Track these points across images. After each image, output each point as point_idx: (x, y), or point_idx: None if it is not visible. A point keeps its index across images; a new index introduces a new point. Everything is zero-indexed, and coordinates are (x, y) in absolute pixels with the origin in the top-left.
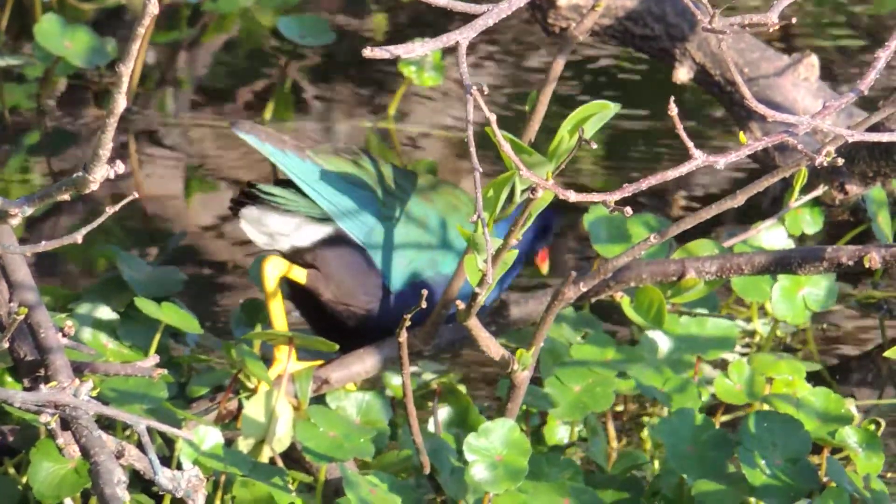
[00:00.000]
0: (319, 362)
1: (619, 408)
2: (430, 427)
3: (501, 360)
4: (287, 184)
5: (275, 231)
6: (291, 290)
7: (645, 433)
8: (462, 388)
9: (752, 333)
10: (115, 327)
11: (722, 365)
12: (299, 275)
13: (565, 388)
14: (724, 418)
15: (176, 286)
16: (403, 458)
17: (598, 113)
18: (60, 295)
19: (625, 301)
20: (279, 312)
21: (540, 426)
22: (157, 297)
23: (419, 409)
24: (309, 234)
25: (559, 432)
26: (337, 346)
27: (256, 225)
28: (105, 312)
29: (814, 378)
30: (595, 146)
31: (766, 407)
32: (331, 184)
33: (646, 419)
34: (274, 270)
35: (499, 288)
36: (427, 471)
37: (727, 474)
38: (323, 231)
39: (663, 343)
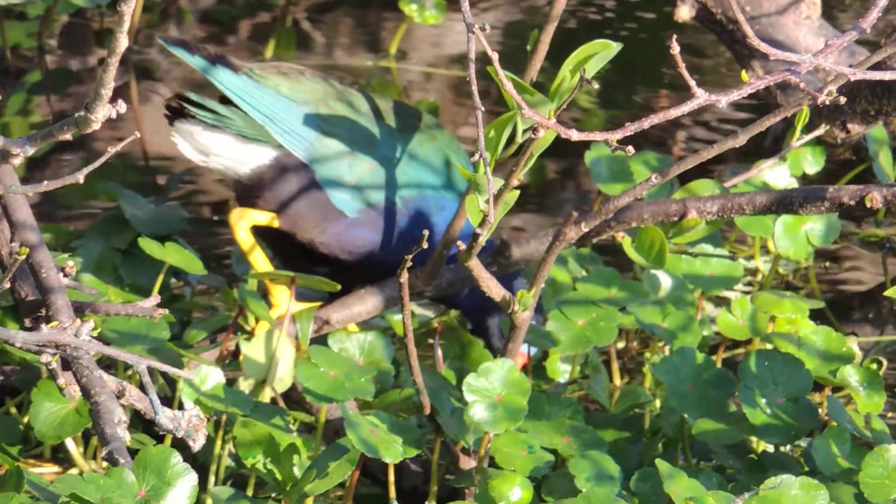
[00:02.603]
0: (319, 303)
1: (622, 344)
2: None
3: (502, 301)
4: (227, 102)
5: (209, 149)
6: (263, 238)
7: (647, 369)
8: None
9: (754, 272)
10: (116, 266)
11: (724, 305)
12: (264, 218)
13: (569, 321)
14: (726, 355)
15: (178, 224)
16: (404, 398)
17: (601, 52)
18: (62, 233)
19: (626, 241)
20: (262, 261)
21: (541, 361)
22: (160, 235)
23: (420, 347)
24: (248, 156)
25: (560, 367)
26: (339, 287)
27: (190, 140)
28: (106, 251)
29: (816, 316)
30: (597, 86)
31: (767, 346)
32: (266, 97)
33: (647, 355)
34: (241, 221)
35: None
36: (427, 411)
37: (728, 413)
38: (266, 155)
39: (665, 281)
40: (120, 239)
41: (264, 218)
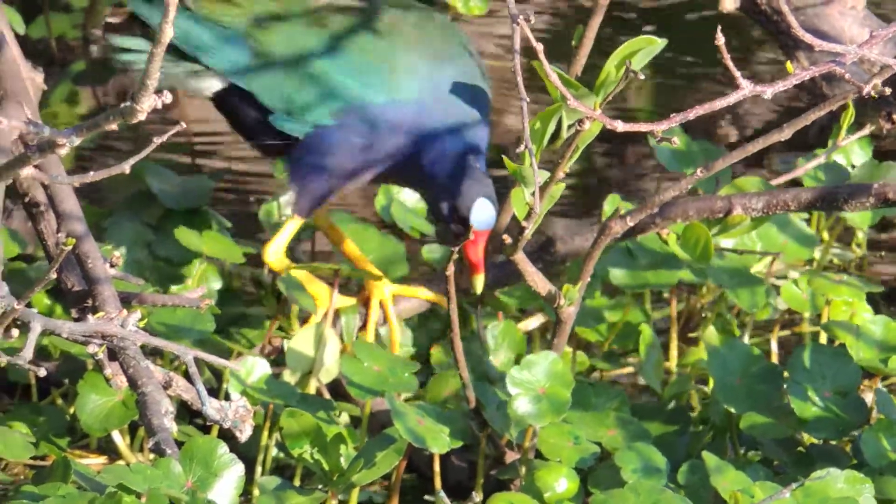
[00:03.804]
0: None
1: (681, 306)
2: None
3: (548, 295)
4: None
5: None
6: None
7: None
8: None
9: (810, 260)
10: (149, 241)
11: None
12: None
13: (632, 259)
14: (783, 333)
15: (206, 195)
16: (452, 392)
17: (646, 48)
18: (91, 213)
19: (671, 238)
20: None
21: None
22: (188, 207)
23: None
24: (204, 85)
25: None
26: (383, 276)
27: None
28: (139, 226)
29: (870, 303)
30: (643, 77)
31: (823, 336)
32: (188, 22)
33: (708, 316)
34: (272, 254)
35: None
36: (473, 405)
37: (776, 407)
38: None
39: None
40: (149, 214)
41: (286, 236)
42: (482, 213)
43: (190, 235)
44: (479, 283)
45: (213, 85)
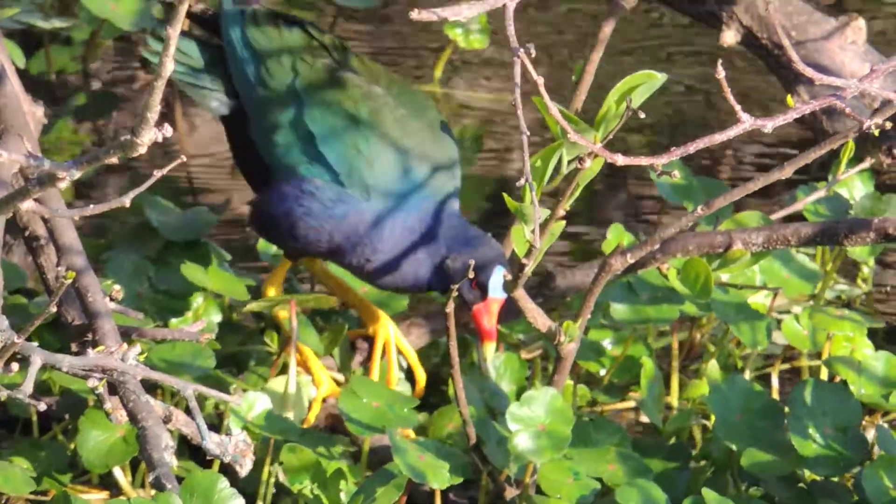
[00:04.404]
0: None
1: (683, 335)
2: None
3: (548, 332)
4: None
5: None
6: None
7: (704, 374)
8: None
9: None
10: (148, 274)
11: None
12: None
13: (633, 294)
14: (784, 367)
15: (206, 227)
16: (452, 429)
17: (646, 83)
18: (92, 246)
19: (671, 273)
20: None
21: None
22: (188, 239)
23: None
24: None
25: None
26: (334, 301)
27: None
28: (138, 260)
29: (872, 339)
30: (643, 116)
31: (824, 371)
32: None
33: (710, 348)
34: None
35: None
36: (473, 442)
37: (777, 443)
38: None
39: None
40: (150, 247)
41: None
42: (500, 282)
43: (194, 270)
44: (490, 351)
45: (221, 108)
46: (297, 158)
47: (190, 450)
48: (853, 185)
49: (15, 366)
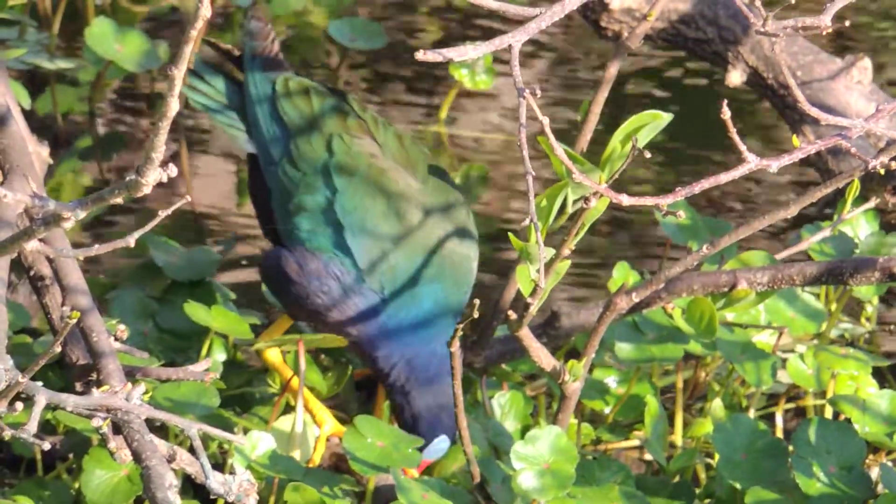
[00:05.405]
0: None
1: (687, 373)
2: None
3: (553, 371)
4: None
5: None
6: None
7: (708, 411)
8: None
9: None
10: (153, 313)
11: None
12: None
13: (638, 334)
14: (788, 406)
15: (211, 267)
16: (457, 468)
17: (651, 123)
18: (96, 285)
19: (676, 312)
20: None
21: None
22: (193, 279)
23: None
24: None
25: (610, 380)
26: (342, 341)
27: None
28: (143, 300)
29: (877, 377)
30: (649, 156)
31: (828, 409)
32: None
33: (715, 387)
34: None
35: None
36: (477, 480)
37: (781, 481)
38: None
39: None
40: (154, 287)
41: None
42: (437, 449)
43: (199, 310)
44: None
45: (248, 146)
46: (321, 243)
47: (194, 489)
48: (858, 225)
49: (19, 405)
